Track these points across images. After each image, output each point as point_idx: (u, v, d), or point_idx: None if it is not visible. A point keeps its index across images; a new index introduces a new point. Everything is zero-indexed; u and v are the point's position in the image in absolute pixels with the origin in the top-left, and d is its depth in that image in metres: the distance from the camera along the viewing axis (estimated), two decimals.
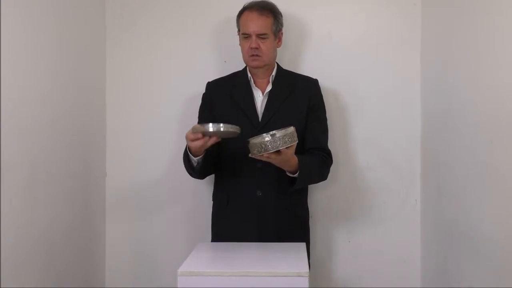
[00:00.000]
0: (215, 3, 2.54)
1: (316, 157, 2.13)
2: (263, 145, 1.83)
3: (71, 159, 2.23)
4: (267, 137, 1.82)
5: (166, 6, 2.56)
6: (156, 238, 2.57)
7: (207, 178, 2.39)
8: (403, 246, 2.52)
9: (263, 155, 1.85)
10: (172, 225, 2.56)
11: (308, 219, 2.29)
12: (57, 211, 2.11)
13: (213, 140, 1.91)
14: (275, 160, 1.91)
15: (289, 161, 1.96)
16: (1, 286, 1.71)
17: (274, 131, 1.83)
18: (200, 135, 1.89)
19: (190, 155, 2.02)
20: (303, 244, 1.95)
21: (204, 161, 2.04)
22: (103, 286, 2.57)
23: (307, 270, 1.61)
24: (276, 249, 1.91)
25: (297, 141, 1.88)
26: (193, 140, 1.91)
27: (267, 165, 1.98)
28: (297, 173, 2.02)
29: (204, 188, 2.48)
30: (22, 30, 1.87)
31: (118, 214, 2.58)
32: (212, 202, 2.30)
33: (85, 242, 2.39)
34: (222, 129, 1.88)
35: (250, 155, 1.90)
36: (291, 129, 1.86)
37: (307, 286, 1.59)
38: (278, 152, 1.85)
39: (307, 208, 2.30)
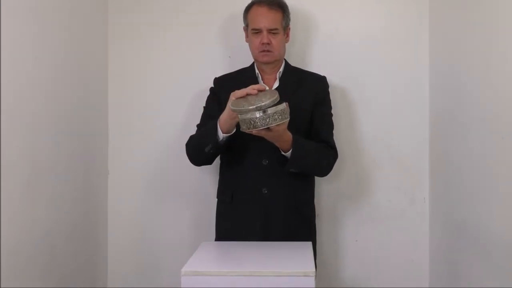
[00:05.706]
0: None
1: (315, 143, 2.08)
2: (252, 122, 1.76)
3: (73, 158, 2.22)
4: (257, 114, 1.75)
5: (169, 3, 2.53)
6: (159, 237, 2.55)
7: (211, 176, 2.37)
8: (411, 245, 2.49)
9: (252, 132, 1.80)
10: (175, 224, 2.54)
11: (314, 218, 2.25)
12: (58, 210, 2.10)
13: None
14: (267, 136, 1.86)
15: (282, 137, 1.90)
16: (2, 287, 1.70)
17: (265, 107, 1.74)
18: (255, 91, 1.84)
19: (220, 130, 1.96)
20: (309, 243, 1.93)
21: (225, 143, 1.99)
22: (105, 286, 2.56)
23: (314, 269, 1.59)
24: (282, 248, 1.88)
25: (288, 119, 1.81)
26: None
27: (273, 162, 1.96)
28: (290, 151, 1.97)
29: (208, 186, 2.46)
30: (23, 28, 1.85)
31: (121, 213, 2.57)
32: (216, 200, 2.27)
33: (87, 241, 2.37)
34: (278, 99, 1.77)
35: (240, 129, 1.84)
36: (283, 106, 1.78)
37: (314, 286, 1.56)
38: (268, 129, 1.79)
39: (314, 207, 2.26)
